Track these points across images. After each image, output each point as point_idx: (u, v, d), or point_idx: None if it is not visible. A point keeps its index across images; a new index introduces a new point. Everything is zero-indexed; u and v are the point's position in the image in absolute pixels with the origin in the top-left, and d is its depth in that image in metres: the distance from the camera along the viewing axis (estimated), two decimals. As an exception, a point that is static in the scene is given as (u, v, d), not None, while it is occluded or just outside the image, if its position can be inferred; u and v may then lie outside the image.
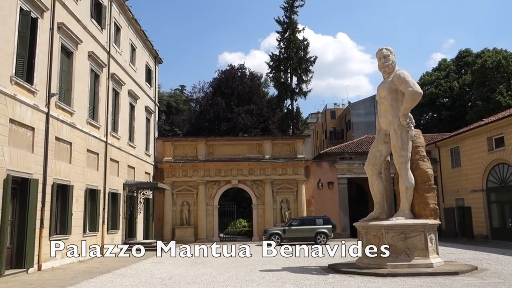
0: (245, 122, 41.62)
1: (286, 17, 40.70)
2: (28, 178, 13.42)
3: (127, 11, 24.04)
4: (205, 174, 29.42)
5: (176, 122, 47.95)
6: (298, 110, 40.72)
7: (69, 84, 17.00)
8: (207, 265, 15.07)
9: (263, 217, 29.27)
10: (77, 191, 17.02)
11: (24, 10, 13.58)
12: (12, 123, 12.76)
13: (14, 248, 12.99)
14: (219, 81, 45.51)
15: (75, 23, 17.32)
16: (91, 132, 18.62)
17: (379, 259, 12.40)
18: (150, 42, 28.65)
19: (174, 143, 30.23)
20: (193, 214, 29.21)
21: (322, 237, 25.21)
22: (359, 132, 49.02)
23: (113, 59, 21.81)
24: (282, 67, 40.38)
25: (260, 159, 29.73)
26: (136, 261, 16.97)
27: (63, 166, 15.98)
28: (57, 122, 15.53)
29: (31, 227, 13.45)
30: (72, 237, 16.49)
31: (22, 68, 13.50)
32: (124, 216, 22.96)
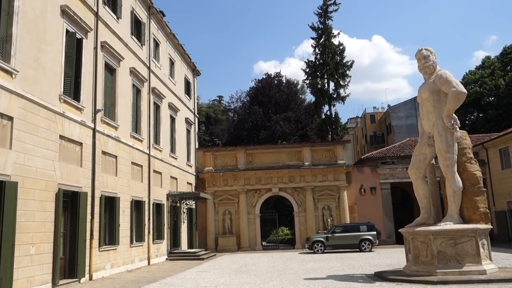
0: (283, 129, 41.58)
1: (320, 23, 40.55)
2: (78, 191, 14.01)
3: (165, 27, 24.75)
4: (245, 183, 29.59)
5: (215, 132, 48.59)
6: (336, 115, 40.29)
7: (113, 100, 17.66)
8: (251, 274, 15.10)
9: (305, 225, 29.03)
10: (123, 202, 17.57)
11: (70, 31, 14.29)
12: (61, 139, 13.38)
13: (66, 258, 13.56)
14: (256, 90, 45.80)
15: (117, 41, 18.02)
16: (134, 145, 19.22)
17: (428, 266, 12.00)
18: (187, 55, 29.32)
19: (214, 153, 30.64)
20: (235, 223, 29.40)
21: (367, 244, 24.67)
22: (400, 135, 47.82)
23: (153, 74, 22.48)
24: (319, 73, 40.16)
25: (300, 166, 29.59)
26: (181, 270, 17.26)
27: (109, 179, 16.57)
28: (103, 137, 16.15)
29: (82, 238, 14.00)
30: (120, 247, 17.01)
31: (69, 87, 14.17)
32: (168, 226, 23.45)
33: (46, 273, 12.02)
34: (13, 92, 11.03)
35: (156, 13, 23.14)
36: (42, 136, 12.21)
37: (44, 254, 11.99)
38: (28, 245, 11.31)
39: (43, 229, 12.04)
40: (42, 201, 12.04)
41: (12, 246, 10.52)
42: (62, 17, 13.84)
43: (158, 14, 23.45)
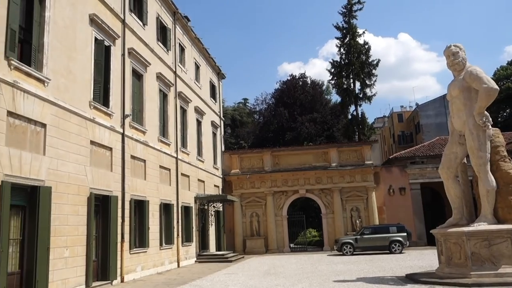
0: (309, 130, 41.37)
1: (345, 22, 40.24)
2: (108, 195, 14.33)
3: (190, 32, 25.06)
4: (272, 185, 29.56)
5: (241, 135, 48.79)
6: (363, 115, 39.84)
7: (141, 105, 17.99)
8: (280, 276, 15.06)
9: (333, 226, 28.76)
10: (152, 205, 17.86)
11: (98, 39, 14.66)
12: (92, 144, 13.72)
13: (99, 261, 13.87)
14: (281, 92, 45.75)
15: (144, 47, 18.36)
16: (162, 149, 19.51)
17: (462, 268, 11.67)
18: (212, 59, 29.59)
19: (241, 156, 30.76)
20: (263, 225, 29.40)
21: (397, 246, 24.22)
22: (429, 134, 46.73)
23: (179, 78, 22.79)
24: (344, 73, 39.81)
25: (326, 167, 29.36)
26: (210, 272, 17.38)
27: (139, 182, 16.87)
28: (131, 141, 16.48)
29: (113, 241, 14.30)
30: (150, 250, 17.28)
31: (99, 93, 14.53)
32: (197, 228, 23.68)
33: (79, 275, 12.34)
34: (45, 100, 11.40)
35: (181, 18, 23.46)
36: (73, 142, 12.56)
37: (77, 257, 12.31)
38: (62, 248, 11.65)
39: (76, 232, 12.37)
40: (75, 205, 12.37)
41: (47, 249, 10.85)
42: (91, 25, 14.21)
43: (183, 19, 23.77)
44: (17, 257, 10.38)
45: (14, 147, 10.18)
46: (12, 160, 10.02)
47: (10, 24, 10.28)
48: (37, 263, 10.45)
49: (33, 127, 10.97)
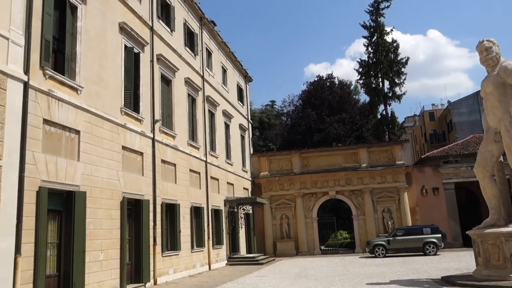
0: (337, 131, 40.96)
1: (372, 21, 39.70)
2: (140, 199, 14.60)
3: (216, 36, 25.30)
4: (301, 187, 29.40)
5: (269, 137, 48.78)
6: (393, 114, 39.15)
7: (170, 110, 18.27)
8: (311, 279, 14.95)
9: (365, 228, 28.32)
10: (183, 209, 18.08)
11: (128, 47, 15.00)
12: (124, 149, 14.03)
13: (132, 264, 14.14)
14: (309, 93, 45.51)
15: (172, 53, 18.65)
16: (192, 153, 19.74)
17: (501, 270, 11.26)
18: (239, 62, 29.75)
19: (269, 158, 30.76)
20: (293, 227, 29.26)
21: (432, 247, 23.61)
22: (462, 132, 45.37)
23: (207, 82, 23.02)
24: (372, 72, 39.24)
25: (356, 168, 28.96)
26: (241, 275, 17.42)
27: (169, 186, 17.12)
28: (162, 146, 16.75)
29: (146, 244, 14.55)
30: (182, 252, 17.49)
31: (129, 99, 14.85)
32: (227, 231, 23.81)
33: (114, 278, 12.62)
34: (78, 107, 11.74)
35: (207, 23, 23.72)
36: (106, 148, 12.88)
37: (112, 260, 12.59)
38: (97, 251, 11.94)
39: (110, 236, 12.66)
40: (108, 209, 12.67)
41: (83, 252, 11.16)
42: (121, 33, 14.55)
43: (209, 24, 24.03)
44: (54, 260, 10.72)
45: (50, 154, 10.53)
46: (48, 166, 10.36)
47: (45, 35, 10.67)
48: (74, 266, 10.76)
49: (68, 134, 11.32)
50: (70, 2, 12.03)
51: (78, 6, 12.30)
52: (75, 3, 12.20)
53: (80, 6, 12.38)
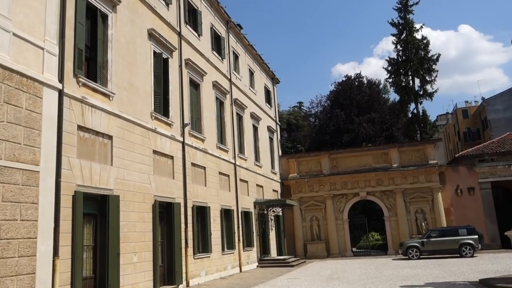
0: (367, 131, 40.38)
1: (400, 18, 39.02)
2: (171, 202, 14.81)
3: (243, 39, 25.43)
4: (331, 188, 29.12)
5: (297, 139, 48.60)
6: (424, 113, 38.31)
7: (199, 113, 18.48)
8: (343, 281, 14.76)
9: (397, 229, 27.75)
10: (213, 211, 18.23)
11: (157, 52, 15.27)
12: (155, 153, 14.28)
13: (165, 266, 14.35)
14: (337, 93, 45.10)
15: (199, 58, 18.87)
16: (221, 156, 19.88)
17: (543, 273, 10.80)
18: (266, 64, 29.79)
19: (298, 160, 30.62)
20: (323, 229, 29.00)
21: (468, 249, 22.88)
22: (498, 130, 43.89)
23: (235, 85, 23.16)
24: (402, 70, 38.52)
25: (387, 168, 28.45)
26: (272, 277, 17.40)
27: (199, 189, 17.30)
28: (191, 149, 16.95)
29: (178, 246, 14.74)
30: (213, 255, 17.63)
31: (159, 104, 15.11)
32: (257, 233, 23.83)
33: (147, 279, 12.84)
34: (111, 113, 12.03)
35: (234, 26, 23.88)
36: (138, 152, 13.14)
37: (145, 262, 12.82)
38: (131, 254, 12.18)
39: (143, 238, 12.89)
40: (141, 212, 12.92)
41: (118, 254, 11.40)
42: (150, 40, 14.84)
43: (236, 27, 24.18)
44: (90, 262, 10.99)
45: (85, 159, 10.83)
46: (83, 171, 10.66)
47: (77, 43, 11.00)
48: (109, 268, 11.01)
49: (101, 139, 11.62)
50: (101, 11, 12.36)
51: (109, 15, 12.63)
52: (106, 12, 12.53)
53: (111, 15, 12.70)
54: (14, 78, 8.82)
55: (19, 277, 8.39)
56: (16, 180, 8.55)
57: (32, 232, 8.81)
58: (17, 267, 8.35)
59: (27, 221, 8.70)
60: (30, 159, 8.96)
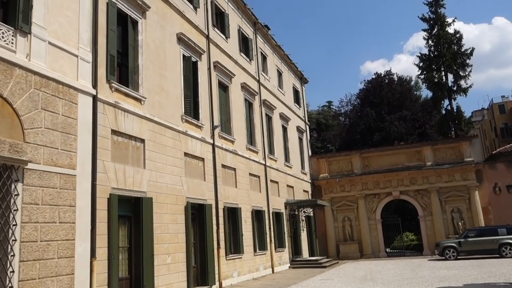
0: (399, 129, 39.57)
1: (431, 13, 38.09)
2: (203, 204, 14.97)
3: (270, 40, 25.43)
4: (363, 188, 28.70)
5: (327, 138, 48.17)
6: (459, 109, 37.23)
7: (228, 115, 18.60)
8: (378, 282, 14.50)
9: (433, 229, 27.04)
10: (244, 212, 18.29)
11: (186, 56, 15.48)
12: (186, 156, 14.47)
13: (198, 267, 14.51)
14: (367, 91, 44.43)
15: (228, 60, 19.00)
16: (251, 157, 19.94)
17: None
18: (294, 64, 29.68)
19: (328, 159, 30.34)
20: (356, 229, 28.60)
21: (509, 249, 22.02)
22: (539, 124, 42.13)
23: (263, 86, 23.19)
24: (434, 66, 37.58)
25: (421, 167, 27.77)
26: (305, 278, 17.29)
27: (230, 190, 17.40)
28: (221, 151, 17.08)
29: (210, 247, 14.87)
30: (245, 256, 17.68)
31: (189, 107, 15.30)
32: (288, 234, 23.75)
33: (181, 280, 13.01)
34: (142, 117, 12.28)
35: (261, 28, 23.92)
36: (169, 155, 13.35)
37: (178, 263, 13.00)
38: (165, 255, 12.37)
39: (176, 239, 13.07)
40: (173, 214, 13.11)
41: (152, 256, 11.61)
42: (179, 44, 15.06)
43: (263, 28, 24.21)
44: (126, 263, 11.24)
45: (119, 162, 11.09)
46: (117, 174, 10.92)
47: (109, 50, 11.28)
48: (144, 269, 11.22)
49: (134, 143, 11.87)
50: (131, 17, 12.63)
51: (139, 21, 12.90)
52: (136, 18, 12.80)
53: (141, 21, 12.97)
54: (51, 86, 9.13)
55: (59, 277, 8.67)
56: (54, 184, 8.84)
57: (70, 234, 9.09)
58: (56, 268, 8.64)
59: (65, 223, 8.99)
60: (67, 163, 9.24)
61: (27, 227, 8.13)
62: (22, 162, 8.15)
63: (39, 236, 8.34)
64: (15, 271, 7.79)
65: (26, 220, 8.13)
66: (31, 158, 8.36)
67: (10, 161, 7.94)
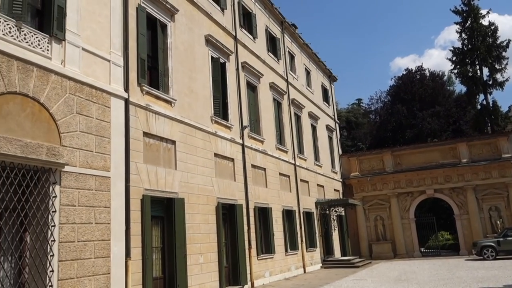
0: (431, 126, 38.59)
1: (464, 5, 37.02)
2: (234, 204, 15.04)
3: (298, 39, 25.30)
4: (395, 186, 28.13)
5: (357, 137, 47.54)
6: (495, 103, 36.01)
7: (257, 115, 18.62)
8: (413, 283, 14.18)
9: (469, 228, 26.20)
10: (275, 212, 18.27)
11: (214, 57, 15.60)
12: (216, 157, 14.58)
13: (230, 267, 14.59)
14: (397, 88, 43.56)
15: (255, 60, 19.03)
16: (280, 157, 19.90)
17: None
18: (322, 63, 29.43)
19: (359, 158, 29.92)
20: (389, 229, 28.06)
21: (551, 249, 21.12)
22: None
23: (291, 86, 23.10)
24: (468, 60, 36.49)
25: (456, 164, 26.97)
26: (337, 278, 17.11)
27: (260, 190, 17.41)
28: (251, 151, 17.12)
29: (241, 247, 14.93)
30: (276, 255, 17.66)
31: (218, 108, 15.42)
32: (320, 234, 23.57)
33: (214, 280, 13.12)
34: (173, 119, 12.45)
35: (288, 27, 23.83)
36: (200, 156, 13.49)
37: (211, 263, 13.11)
38: (197, 255, 12.51)
39: (208, 240, 13.19)
40: (205, 214, 13.23)
41: (185, 256, 11.76)
42: (207, 45, 15.19)
43: (290, 27, 24.12)
44: (160, 263, 11.44)
45: (151, 164, 11.28)
46: (149, 175, 11.12)
47: (140, 54, 11.51)
48: (177, 269, 11.38)
49: (165, 144, 12.05)
50: (160, 21, 12.84)
51: (168, 24, 13.09)
52: (165, 22, 13.00)
53: (170, 24, 13.16)
54: (85, 90, 9.39)
55: (96, 277, 8.90)
56: (90, 185, 9.09)
57: (106, 234, 9.32)
58: (93, 267, 8.87)
59: (101, 224, 9.22)
60: (102, 165, 9.48)
61: (65, 228, 8.39)
62: (59, 165, 8.42)
63: (76, 237, 8.59)
64: (54, 270, 8.05)
65: (64, 221, 8.39)
66: (67, 161, 8.62)
67: (48, 164, 8.21)
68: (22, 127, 7.96)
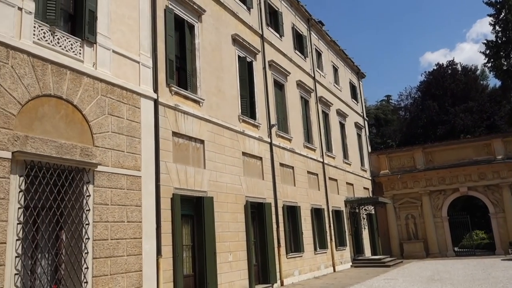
0: (464, 122, 37.49)
1: (498, -4, 35.63)
2: (262, 202, 15.06)
3: (325, 36, 25.08)
4: (427, 184, 27.50)
5: (387, 134, 46.72)
6: (531, 98, 34.61)
7: (284, 114, 18.58)
8: (446, 283, 13.84)
9: (505, 227, 25.34)
10: (303, 211, 18.19)
11: (241, 57, 15.66)
12: (244, 155, 14.64)
13: (259, 265, 14.63)
14: (428, 84, 42.53)
15: (282, 58, 18.98)
16: (308, 155, 19.79)
17: None
18: (350, 59, 29.07)
19: (389, 155, 29.40)
20: (420, 227, 27.47)
21: None
22: None
23: (319, 83, 22.92)
24: (503, 52, 35.14)
25: (491, 161, 26.12)
26: (368, 277, 16.89)
27: (289, 189, 17.37)
28: (279, 150, 17.10)
29: (271, 246, 14.94)
30: (305, 254, 17.58)
31: (245, 107, 15.47)
32: (349, 232, 23.31)
33: (243, 278, 13.19)
34: (201, 118, 12.58)
35: (315, 24, 23.66)
36: (228, 155, 13.57)
37: (240, 261, 13.18)
38: (226, 253, 12.60)
39: (237, 238, 13.27)
40: (233, 213, 13.32)
41: (214, 254, 11.87)
42: (234, 45, 15.27)
43: (317, 24, 23.94)
44: (190, 261, 11.59)
45: (180, 163, 11.44)
46: (179, 174, 11.28)
47: (168, 55, 11.68)
48: (207, 267, 11.51)
49: (194, 144, 12.20)
50: (188, 22, 12.99)
51: (195, 25, 13.23)
52: (192, 22, 13.14)
53: (197, 25, 13.30)
54: (116, 92, 9.62)
55: (128, 274, 9.11)
56: (122, 185, 9.30)
57: (138, 232, 9.52)
58: (126, 265, 9.08)
59: (132, 222, 9.42)
60: (133, 165, 9.69)
61: (99, 226, 8.62)
62: (93, 165, 8.65)
63: (109, 235, 8.81)
64: (89, 267, 8.29)
65: (97, 220, 8.62)
66: (100, 161, 8.85)
67: (82, 164, 8.46)
68: (57, 128, 8.22)
